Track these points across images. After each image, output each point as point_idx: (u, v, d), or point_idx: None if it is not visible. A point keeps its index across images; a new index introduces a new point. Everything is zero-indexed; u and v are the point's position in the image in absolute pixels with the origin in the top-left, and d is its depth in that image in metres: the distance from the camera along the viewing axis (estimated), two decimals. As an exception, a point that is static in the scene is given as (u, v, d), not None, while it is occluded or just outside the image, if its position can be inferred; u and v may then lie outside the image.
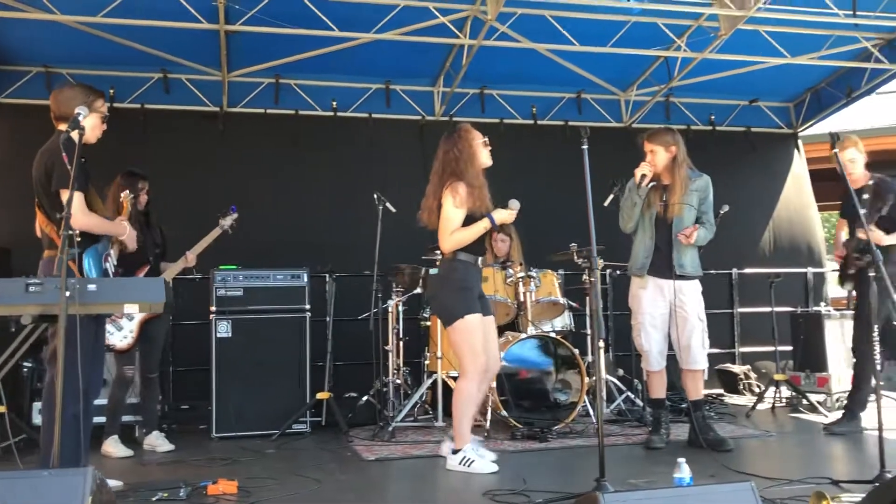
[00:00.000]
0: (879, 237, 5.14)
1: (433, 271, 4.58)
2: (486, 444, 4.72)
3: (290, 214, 7.51)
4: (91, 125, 4.00)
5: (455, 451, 4.38)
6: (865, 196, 5.14)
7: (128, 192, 4.65)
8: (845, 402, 5.74)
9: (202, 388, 6.31)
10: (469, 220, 4.42)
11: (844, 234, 5.64)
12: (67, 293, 3.03)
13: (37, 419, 5.35)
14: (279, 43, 6.84)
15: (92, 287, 3.14)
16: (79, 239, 3.40)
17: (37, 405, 5.37)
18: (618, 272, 6.43)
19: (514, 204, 4.51)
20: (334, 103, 7.83)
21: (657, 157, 4.98)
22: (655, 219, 4.98)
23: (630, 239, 5.35)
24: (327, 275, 6.33)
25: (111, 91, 7.32)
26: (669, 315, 4.93)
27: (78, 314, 3.11)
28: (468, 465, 4.31)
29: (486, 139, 4.62)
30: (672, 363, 6.90)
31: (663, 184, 4.99)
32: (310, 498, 3.83)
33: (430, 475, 4.37)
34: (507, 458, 4.64)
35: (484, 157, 4.57)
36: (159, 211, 5.65)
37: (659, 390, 5.06)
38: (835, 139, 4.06)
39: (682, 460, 3.39)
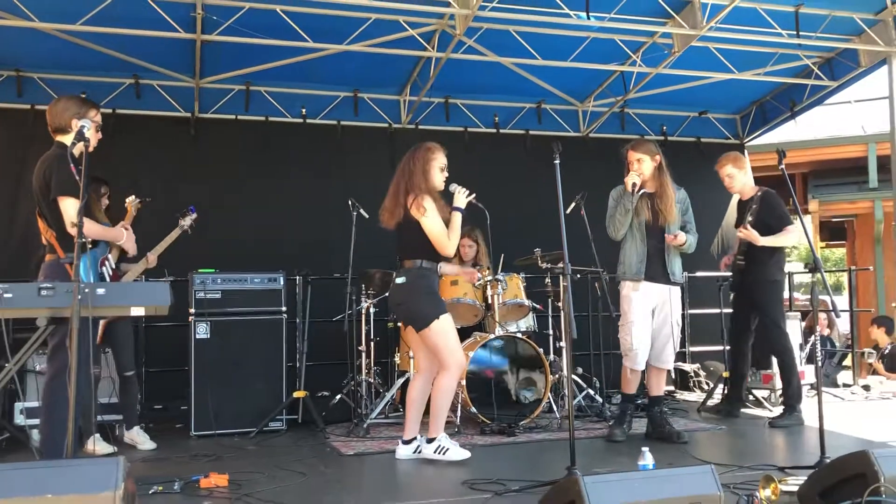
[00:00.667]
0: (755, 237, 5.77)
1: (399, 280, 4.80)
2: (457, 438, 5.02)
3: (261, 218, 7.67)
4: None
5: (430, 441, 4.70)
6: (754, 206, 5.86)
7: (134, 196, 4.82)
8: (781, 398, 6.21)
9: (175, 388, 6.48)
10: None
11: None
12: (79, 297, 3.24)
13: (18, 419, 5.46)
14: (251, 51, 7.01)
15: (101, 291, 3.33)
16: (91, 246, 3.59)
17: (18, 405, 5.48)
18: (577, 276, 6.76)
19: (454, 187, 4.84)
20: (304, 110, 8.04)
21: (644, 166, 5.21)
22: (646, 226, 5.22)
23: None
24: (299, 277, 6.54)
25: (82, 95, 7.38)
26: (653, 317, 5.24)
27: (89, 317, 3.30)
28: (443, 454, 4.63)
29: (444, 165, 4.85)
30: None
31: (648, 192, 5.26)
32: (298, 490, 4.06)
33: (408, 468, 4.63)
34: (478, 451, 4.93)
35: (437, 180, 4.81)
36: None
37: (633, 387, 5.31)
38: (781, 155, 4.45)
39: (645, 449, 3.72)
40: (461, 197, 4.78)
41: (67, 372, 3.83)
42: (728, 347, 6.65)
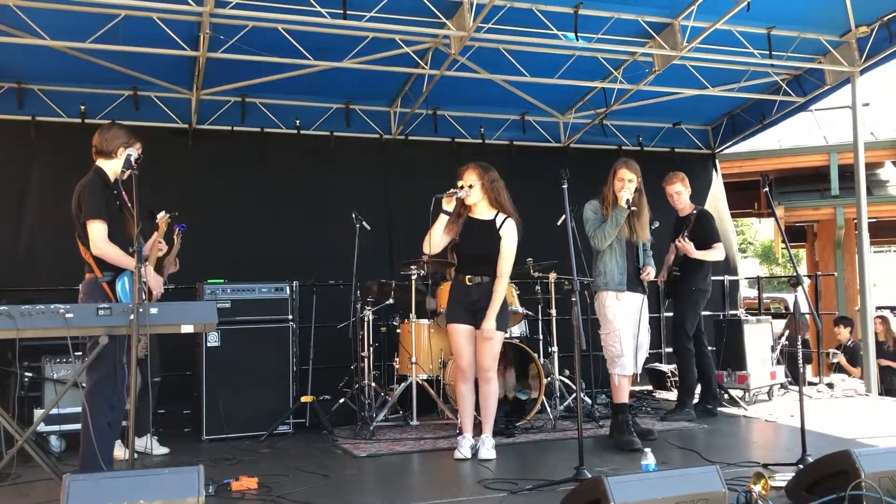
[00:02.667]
0: (691, 249, 6.41)
1: None
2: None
3: (257, 227, 7.90)
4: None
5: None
6: (690, 223, 6.51)
7: (164, 212, 5.03)
8: (677, 394, 6.82)
9: (177, 392, 6.70)
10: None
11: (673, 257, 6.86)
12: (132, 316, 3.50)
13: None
14: (248, 65, 7.19)
15: (154, 310, 3.59)
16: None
17: (37, 412, 5.66)
18: (566, 283, 7.13)
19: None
20: (297, 122, 8.30)
21: (633, 185, 5.51)
22: (625, 241, 5.53)
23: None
24: (295, 284, 6.78)
25: (82, 107, 7.62)
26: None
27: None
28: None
29: (462, 182, 5.25)
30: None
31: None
32: (326, 490, 4.35)
33: (423, 468, 4.96)
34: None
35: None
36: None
37: (625, 395, 5.53)
38: (765, 179, 4.86)
39: (647, 450, 4.09)
40: (443, 199, 5.11)
41: (106, 383, 4.12)
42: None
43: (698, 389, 7.40)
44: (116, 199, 4.32)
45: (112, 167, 4.35)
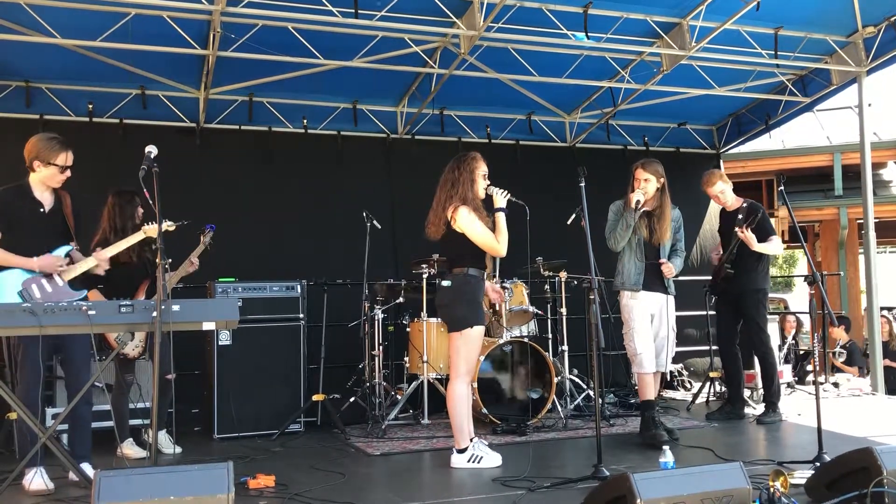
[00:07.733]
0: (752, 241, 6.14)
1: (445, 283, 4.90)
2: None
3: (264, 226, 7.91)
4: (49, 174, 4.57)
5: (461, 451, 4.80)
6: (740, 216, 6.25)
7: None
8: (763, 397, 6.66)
9: (185, 392, 6.67)
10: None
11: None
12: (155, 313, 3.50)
13: (49, 423, 5.62)
14: (256, 64, 7.19)
15: (176, 308, 3.59)
16: None
17: (49, 411, 5.65)
18: (574, 282, 7.15)
19: (490, 189, 4.95)
20: (305, 121, 8.29)
21: (650, 185, 5.53)
22: (643, 242, 5.55)
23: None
24: (304, 282, 6.78)
25: (90, 106, 7.60)
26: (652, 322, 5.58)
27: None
28: (477, 462, 4.76)
29: (486, 172, 5.00)
30: (617, 364, 7.67)
31: (648, 210, 5.59)
32: (344, 488, 4.34)
33: (438, 466, 4.94)
34: (495, 451, 5.23)
35: (479, 188, 4.96)
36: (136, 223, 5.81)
37: (650, 392, 5.52)
38: (781, 179, 4.86)
39: (666, 448, 4.09)
40: (500, 197, 4.90)
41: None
42: (717, 349, 6.97)
43: (705, 390, 7.42)
44: (34, 205, 4.53)
45: (35, 179, 4.57)
